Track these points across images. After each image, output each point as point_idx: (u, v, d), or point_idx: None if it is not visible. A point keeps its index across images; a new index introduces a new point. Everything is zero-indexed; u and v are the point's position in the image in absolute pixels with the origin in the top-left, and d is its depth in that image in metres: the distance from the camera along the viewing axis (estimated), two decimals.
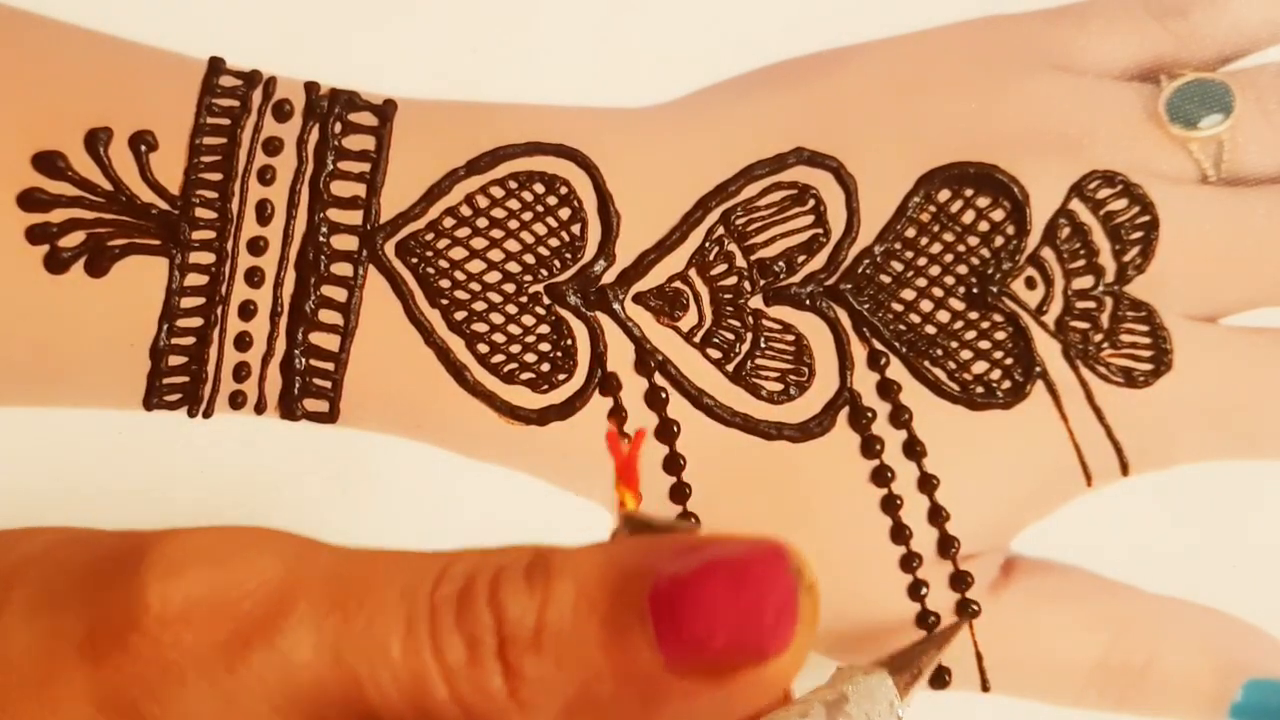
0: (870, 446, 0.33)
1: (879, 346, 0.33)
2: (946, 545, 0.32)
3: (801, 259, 0.33)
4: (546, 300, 0.33)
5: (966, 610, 0.32)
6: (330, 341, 0.32)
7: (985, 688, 0.33)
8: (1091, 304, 0.33)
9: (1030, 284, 0.33)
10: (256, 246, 0.32)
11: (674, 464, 0.33)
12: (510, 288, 0.33)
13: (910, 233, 0.33)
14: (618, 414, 0.32)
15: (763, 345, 0.33)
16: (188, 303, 0.32)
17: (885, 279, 0.33)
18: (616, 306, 0.33)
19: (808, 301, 0.33)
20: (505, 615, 0.19)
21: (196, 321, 0.32)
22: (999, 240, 0.34)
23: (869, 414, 0.33)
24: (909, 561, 0.32)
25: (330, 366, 0.32)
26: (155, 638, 0.19)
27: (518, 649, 0.19)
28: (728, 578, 0.19)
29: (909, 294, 0.33)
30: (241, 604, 0.20)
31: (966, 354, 0.33)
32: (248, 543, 0.20)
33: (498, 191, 0.33)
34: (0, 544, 0.22)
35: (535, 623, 0.19)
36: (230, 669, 0.19)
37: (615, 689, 0.19)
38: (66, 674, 0.20)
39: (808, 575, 0.19)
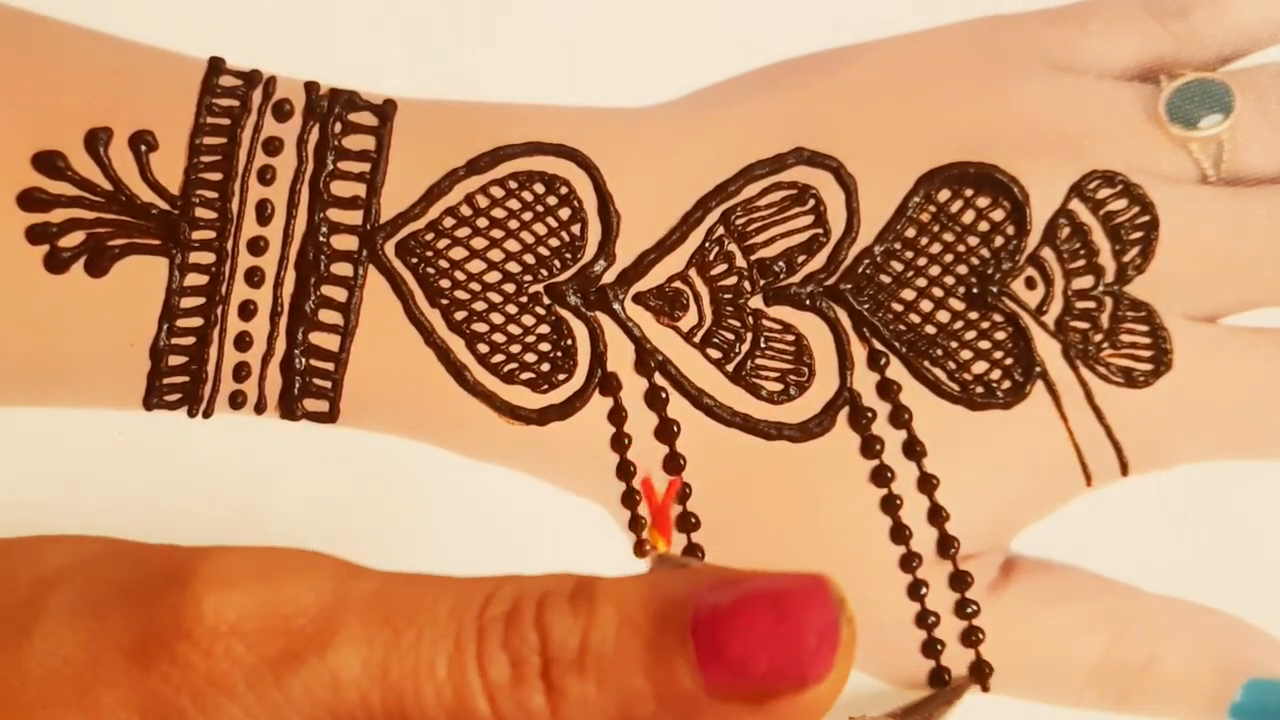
0: (870, 446, 0.33)
1: (879, 346, 0.33)
2: (946, 545, 0.32)
3: (801, 259, 0.33)
4: (546, 300, 0.33)
5: (965, 612, 0.32)
6: (330, 341, 0.32)
7: (985, 688, 0.33)
8: (1091, 304, 0.33)
9: (1030, 284, 0.33)
10: (256, 246, 0.32)
11: (674, 464, 0.32)
12: (510, 288, 0.33)
13: (910, 233, 0.33)
14: (619, 415, 0.32)
15: (763, 345, 0.33)
16: (188, 302, 0.32)
17: (885, 279, 0.33)
18: (616, 306, 0.33)
19: (808, 301, 0.33)
20: (550, 637, 0.20)
21: (196, 321, 0.32)
22: (999, 240, 0.33)
23: (869, 414, 0.33)
24: (909, 561, 0.32)
25: (330, 366, 0.32)
26: (207, 649, 0.20)
27: (561, 669, 0.19)
28: (770, 605, 0.19)
29: (909, 294, 0.33)
30: (293, 620, 0.20)
31: (966, 354, 0.33)
32: (299, 563, 0.21)
33: (498, 191, 0.33)
34: (37, 549, 0.22)
35: (579, 645, 0.19)
36: (279, 683, 0.19)
37: (655, 712, 0.19)
38: (111, 680, 0.20)
39: (848, 607, 0.19)
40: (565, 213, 0.33)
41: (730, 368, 0.33)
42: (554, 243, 0.33)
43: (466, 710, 0.19)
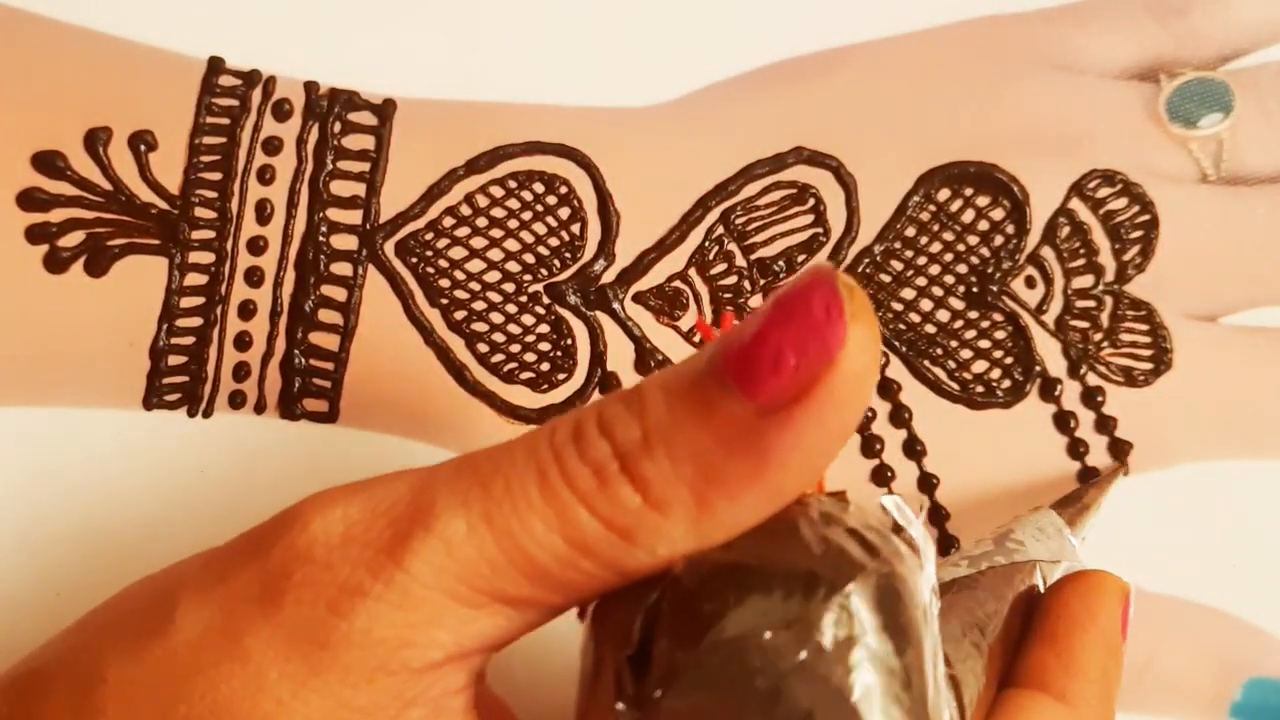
0: (870, 446, 0.33)
1: None
2: (946, 544, 0.32)
3: (801, 258, 0.33)
4: (546, 300, 0.33)
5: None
6: (330, 341, 0.32)
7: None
8: (1091, 303, 0.33)
9: (1030, 283, 0.33)
10: (256, 246, 0.32)
11: None
12: (510, 287, 0.33)
13: (910, 232, 0.33)
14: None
15: None
16: (187, 302, 0.32)
17: (885, 278, 0.33)
18: (616, 306, 0.33)
19: None
20: (616, 437, 0.21)
21: (196, 321, 0.32)
22: (999, 239, 0.33)
23: (869, 413, 0.33)
24: None
25: (330, 366, 0.32)
26: (326, 562, 0.21)
27: (635, 459, 0.21)
28: (778, 312, 0.20)
29: (909, 293, 0.33)
30: (394, 510, 0.21)
31: (966, 353, 0.33)
32: (385, 476, 0.22)
33: (497, 191, 0.33)
34: (164, 574, 0.23)
35: (641, 433, 0.21)
36: (401, 565, 0.21)
37: (725, 456, 0.21)
38: (251, 627, 0.21)
39: (845, 276, 0.20)
40: (565, 212, 0.33)
41: None
42: (553, 242, 0.33)
43: (572, 525, 0.21)
